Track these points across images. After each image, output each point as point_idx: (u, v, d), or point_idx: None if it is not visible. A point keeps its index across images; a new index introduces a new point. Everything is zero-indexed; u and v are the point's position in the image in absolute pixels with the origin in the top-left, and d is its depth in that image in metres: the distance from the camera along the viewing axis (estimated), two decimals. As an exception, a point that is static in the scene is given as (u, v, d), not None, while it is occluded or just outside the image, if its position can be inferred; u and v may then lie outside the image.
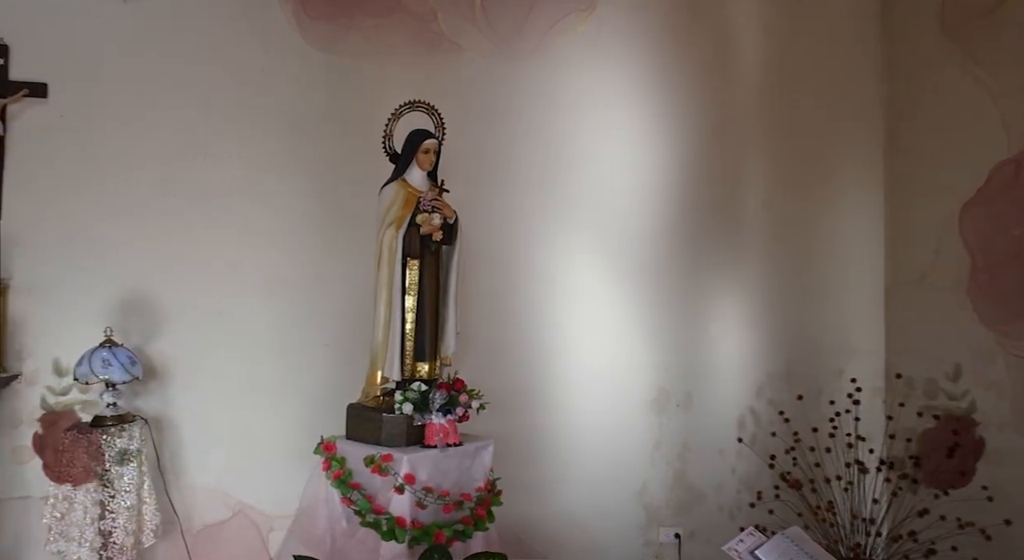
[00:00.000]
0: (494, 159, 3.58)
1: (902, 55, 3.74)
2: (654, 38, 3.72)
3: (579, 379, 3.62)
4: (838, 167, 3.86)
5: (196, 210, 3.32)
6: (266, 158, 3.39)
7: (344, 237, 3.40)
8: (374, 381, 2.90)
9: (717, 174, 3.76)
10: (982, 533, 3.07)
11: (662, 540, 3.67)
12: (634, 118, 3.71)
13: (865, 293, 3.87)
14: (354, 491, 2.77)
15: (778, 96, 3.80)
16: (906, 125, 3.73)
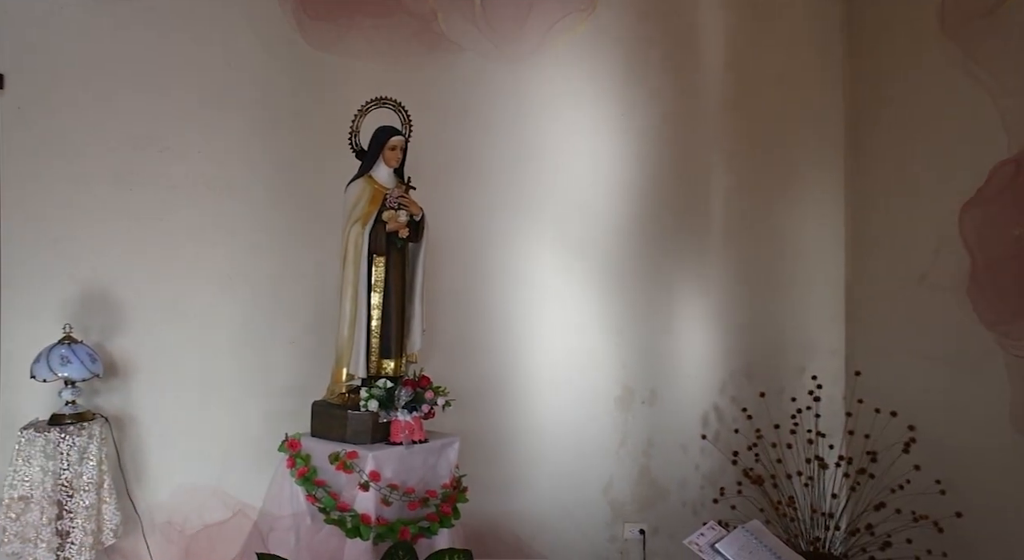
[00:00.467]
0: (461, 157, 3.59)
1: (863, 59, 3.84)
2: (620, 41, 3.75)
3: (545, 376, 3.65)
4: (800, 168, 3.93)
5: (158, 204, 3.28)
6: (230, 153, 3.36)
7: (311, 233, 3.38)
8: (339, 378, 2.89)
9: (682, 174, 3.81)
10: (935, 525, 3.15)
11: (627, 536, 3.71)
12: (600, 118, 3.74)
13: (826, 292, 3.95)
14: (319, 488, 2.76)
15: (743, 98, 3.85)
16: (866, 128, 3.82)
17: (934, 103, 2.61)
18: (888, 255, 3.68)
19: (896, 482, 3.28)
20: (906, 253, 2.78)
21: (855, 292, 3.89)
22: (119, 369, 3.23)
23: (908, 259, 2.65)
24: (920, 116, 2.70)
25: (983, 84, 2.51)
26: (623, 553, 3.70)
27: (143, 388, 3.27)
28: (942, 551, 3.16)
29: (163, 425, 3.29)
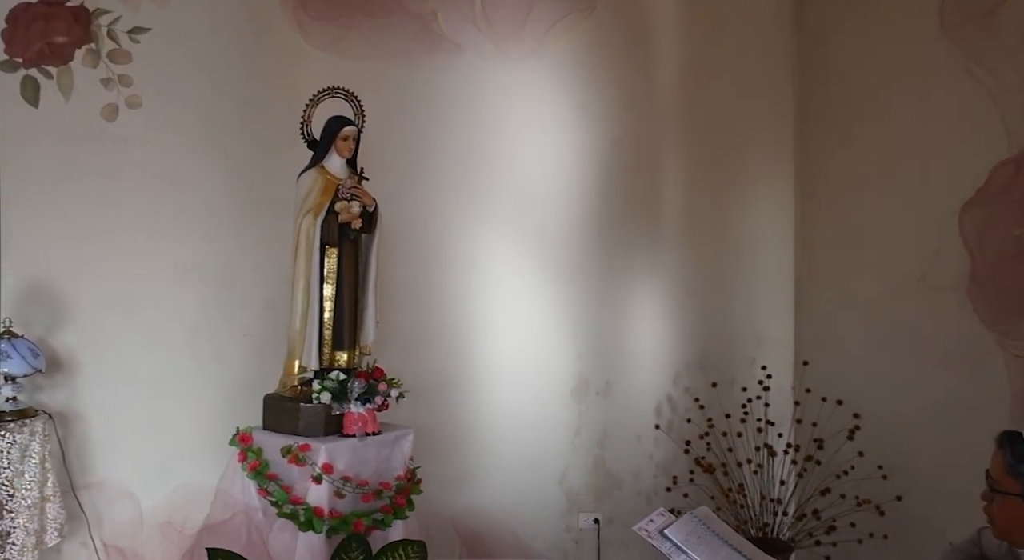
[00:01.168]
0: (414, 148, 3.58)
1: (813, 58, 3.93)
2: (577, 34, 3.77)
3: (500, 368, 3.66)
4: (751, 162, 4.00)
5: (104, 195, 3.20)
6: (180, 143, 3.31)
7: (264, 224, 3.34)
8: (291, 371, 2.86)
9: (636, 168, 3.84)
10: (877, 509, 3.25)
11: (582, 525, 3.74)
12: (555, 112, 3.75)
13: (776, 284, 4.03)
14: (271, 482, 2.73)
15: (696, 93, 3.90)
16: (814, 124, 3.91)
17: (934, 103, 2.62)
18: (835, 248, 3.77)
19: (841, 468, 3.37)
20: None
21: (804, 284, 3.98)
22: (64, 364, 3.15)
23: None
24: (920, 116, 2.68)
25: (983, 84, 2.50)
26: (578, 543, 3.74)
27: (89, 383, 3.20)
28: (883, 533, 3.26)
29: (111, 421, 3.22)
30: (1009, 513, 1.58)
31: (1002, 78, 2.43)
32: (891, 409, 3.34)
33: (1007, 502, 1.59)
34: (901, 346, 3.32)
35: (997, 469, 1.64)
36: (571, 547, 3.73)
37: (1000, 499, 1.62)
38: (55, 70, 3.31)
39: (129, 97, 3.36)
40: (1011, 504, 1.58)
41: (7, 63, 3.26)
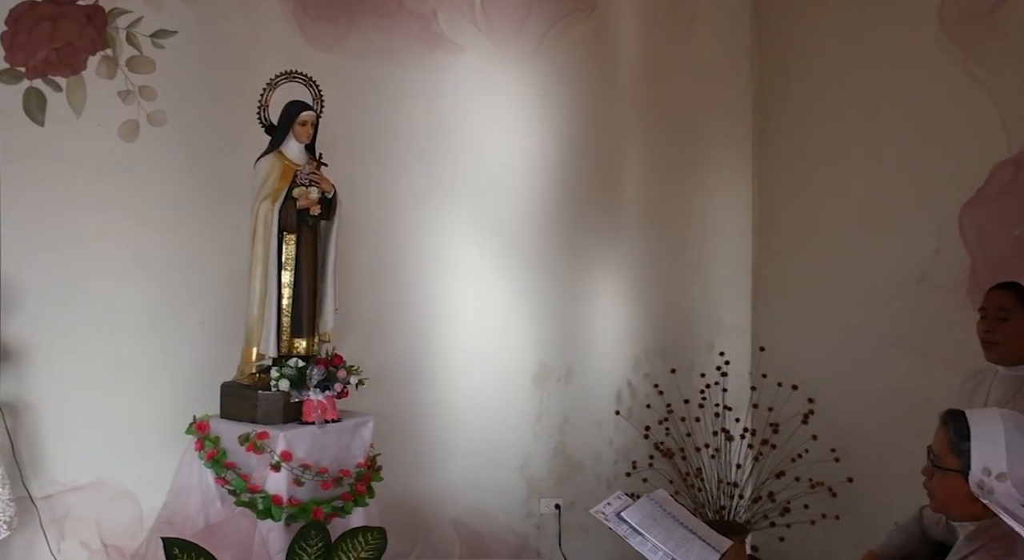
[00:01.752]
0: (376, 134, 3.55)
1: (770, 50, 3.98)
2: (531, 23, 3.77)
3: (461, 355, 3.66)
4: (711, 151, 4.04)
5: (57, 180, 3.13)
6: (131, 128, 3.24)
7: (221, 211, 3.29)
8: (249, 358, 2.83)
9: (598, 156, 3.86)
10: (829, 491, 3.33)
11: (543, 511, 3.77)
12: (518, 98, 3.75)
13: (735, 272, 4.09)
14: (228, 471, 2.71)
15: (657, 83, 3.93)
16: (772, 113, 3.97)
17: (935, 103, 2.59)
18: (791, 237, 3.84)
19: (795, 451, 3.44)
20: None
21: (761, 272, 4.05)
22: (13, 354, 3.08)
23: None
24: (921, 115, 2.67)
25: (983, 84, 2.47)
26: (539, 528, 3.77)
27: (41, 374, 3.14)
28: (835, 514, 3.34)
29: (63, 412, 3.17)
30: (947, 488, 1.63)
31: (1002, 78, 2.42)
32: (844, 394, 3.42)
33: (947, 477, 1.65)
34: (854, 333, 3.39)
35: (940, 445, 1.69)
36: (532, 533, 3.76)
37: (940, 474, 1.67)
38: (64, 81, 3.06)
39: (152, 113, 3.15)
40: (950, 479, 1.63)
41: (7, 73, 2.98)
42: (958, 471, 1.62)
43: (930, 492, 1.73)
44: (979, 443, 1.60)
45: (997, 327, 2.09)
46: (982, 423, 1.62)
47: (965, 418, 1.65)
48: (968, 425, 1.63)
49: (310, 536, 2.50)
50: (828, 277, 3.56)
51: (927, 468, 1.73)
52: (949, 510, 1.69)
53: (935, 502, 1.72)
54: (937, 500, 1.71)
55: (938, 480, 1.69)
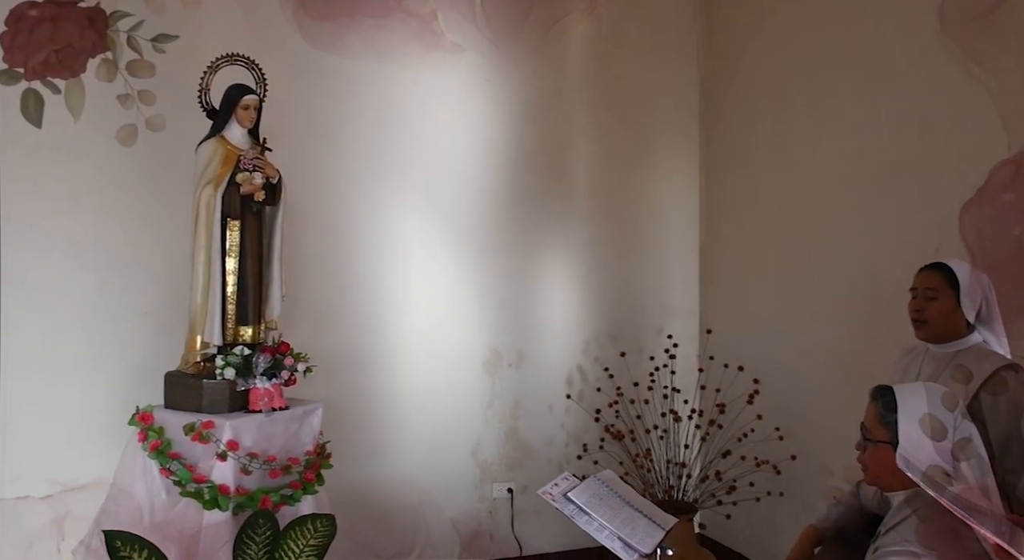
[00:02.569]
0: (323, 120, 3.51)
1: (716, 39, 4.04)
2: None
3: (412, 342, 3.65)
4: (659, 138, 4.09)
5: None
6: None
7: (165, 198, 3.22)
8: (193, 346, 2.78)
9: (547, 141, 3.88)
10: (774, 468, 3.42)
11: (495, 495, 3.80)
12: (467, 83, 3.74)
13: (683, 256, 4.15)
14: (173, 461, 2.66)
15: (606, 72, 3.96)
16: (718, 101, 4.03)
17: (934, 103, 2.59)
18: (737, 222, 3.91)
19: (741, 431, 3.53)
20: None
21: (708, 256, 4.12)
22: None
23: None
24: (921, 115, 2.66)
25: (983, 84, 2.46)
26: (492, 512, 3.80)
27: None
28: (779, 491, 3.43)
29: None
30: (879, 459, 1.69)
31: (1002, 78, 2.41)
32: (788, 375, 3.51)
33: (878, 450, 1.71)
34: (798, 315, 3.47)
35: (870, 419, 1.75)
36: (485, 517, 3.79)
37: (872, 447, 1.73)
38: (63, 83, 3.03)
39: (151, 118, 3.14)
40: (881, 451, 1.69)
41: (6, 73, 2.94)
42: (888, 443, 1.68)
43: (864, 465, 1.79)
44: (906, 415, 1.66)
45: (926, 306, 2.17)
46: (907, 396, 1.68)
47: (893, 392, 1.71)
48: (895, 398, 1.69)
49: (258, 525, 2.48)
50: (772, 262, 3.65)
51: (860, 443, 1.79)
52: (881, 481, 1.75)
53: (868, 475, 1.78)
54: (870, 472, 1.77)
55: (870, 453, 1.75)
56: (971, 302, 2.13)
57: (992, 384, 2.02)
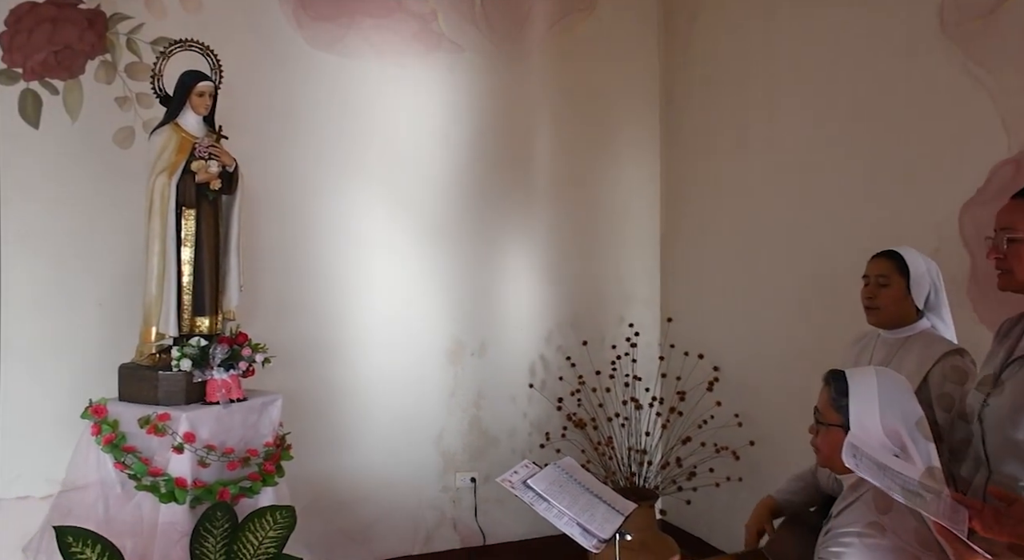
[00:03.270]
0: (282, 108, 3.46)
1: (677, 27, 4.06)
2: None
3: (375, 331, 3.63)
4: (621, 127, 4.11)
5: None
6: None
7: (117, 186, 3.15)
8: (148, 338, 2.73)
9: (509, 130, 3.87)
10: (733, 454, 3.47)
11: (458, 485, 3.80)
12: (428, 73, 3.71)
13: (644, 245, 4.18)
14: (128, 455, 2.61)
15: (567, 60, 3.96)
16: (677, 90, 4.06)
17: (934, 103, 2.58)
18: (697, 211, 3.95)
19: (701, 418, 3.58)
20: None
21: (669, 245, 4.15)
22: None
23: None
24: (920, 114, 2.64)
25: (983, 84, 2.44)
26: (455, 502, 3.80)
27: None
28: (738, 476, 3.49)
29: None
30: (830, 442, 1.73)
31: (1002, 78, 2.40)
32: (747, 362, 3.57)
33: (830, 433, 1.74)
34: (759, 304, 3.52)
35: (823, 403, 1.79)
36: (448, 507, 3.79)
37: (824, 430, 1.77)
38: (61, 84, 3.01)
39: (148, 121, 3.10)
40: (832, 434, 1.72)
41: (5, 74, 2.91)
42: (839, 426, 1.72)
43: (816, 448, 1.82)
44: (856, 398, 1.69)
45: (878, 293, 2.21)
46: (859, 380, 1.72)
47: (845, 377, 1.75)
48: (847, 383, 1.73)
49: (215, 517, 2.46)
50: (732, 251, 3.69)
51: (813, 426, 1.82)
52: (833, 464, 1.78)
53: (821, 457, 1.82)
54: (822, 455, 1.80)
55: (822, 436, 1.78)
56: (920, 289, 2.18)
57: (939, 369, 2.07)
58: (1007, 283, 1.72)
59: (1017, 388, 1.68)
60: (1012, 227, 1.69)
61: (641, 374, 3.80)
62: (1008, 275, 1.71)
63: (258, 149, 3.28)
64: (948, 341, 2.16)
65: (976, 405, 1.79)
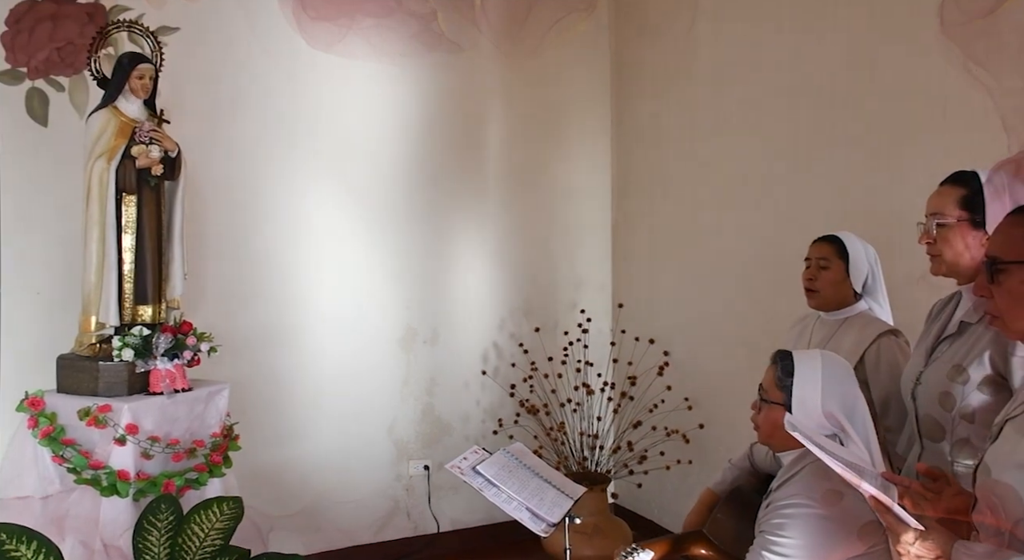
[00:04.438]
0: (228, 95, 3.38)
1: (627, 15, 4.08)
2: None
3: (325, 320, 3.58)
4: (572, 113, 4.11)
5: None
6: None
7: (54, 173, 3.05)
8: (88, 327, 2.66)
9: (460, 118, 3.85)
10: (683, 437, 3.53)
11: (412, 473, 3.79)
12: (378, 61, 3.66)
13: (595, 232, 4.20)
14: (67, 448, 2.55)
15: (518, 47, 3.94)
16: (628, 78, 4.08)
17: (934, 103, 2.55)
18: (647, 197, 3.98)
19: (652, 402, 3.62)
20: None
21: (620, 231, 4.18)
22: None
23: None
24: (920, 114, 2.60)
25: (983, 84, 2.43)
26: (408, 490, 3.79)
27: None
28: (688, 459, 3.55)
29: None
30: (772, 420, 1.76)
31: (1002, 78, 2.39)
32: (696, 346, 3.62)
33: (772, 410, 1.78)
34: (707, 289, 3.57)
35: (768, 381, 1.82)
36: (401, 495, 3.78)
37: (767, 408, 1.80)
38: (66, 81, 2.98)
39: None
40: (775, 412, 1.76)
41: (9, 73, 2.88)
42: (782, 404, 1.75)
43: (757, 425, 1.86)
44: (800, 380, 1.73)
45: (819, 275, 2.26)
46: (805, 362, 1.76)
47: (792, 357, 1.78)
48: (793, 364, 1.76)
49: (160, 510, 2.41)
50: (681, 237, 3.74)
51: (756, 403, 1.86)
52: (773, 441, 1.82)
53: (761, 434, 1.85)
54: (763, 432, 1.84)
55: (764, 414, 1.82)
56: (859, 272, 2.24)
57: (874, 349, 2.13)
58: (938, 267, 1.78)
59: (945, 366, 1.74)
60: (941, 213, 1.75)
61: (593, 360, 3.83)
62: (939, 259, 1.76)
63: (206, 134, 3.23)
64: (884, 322, 2.23)
65: (909, 384, 1.84)
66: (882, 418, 2.08)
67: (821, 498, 1.65)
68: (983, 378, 1.66)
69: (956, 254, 1.72)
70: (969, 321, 1.74)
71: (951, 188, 1.76)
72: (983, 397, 1.66)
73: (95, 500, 2.52)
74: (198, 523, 2.42)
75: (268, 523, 3.40)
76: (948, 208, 1.73)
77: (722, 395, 3.45)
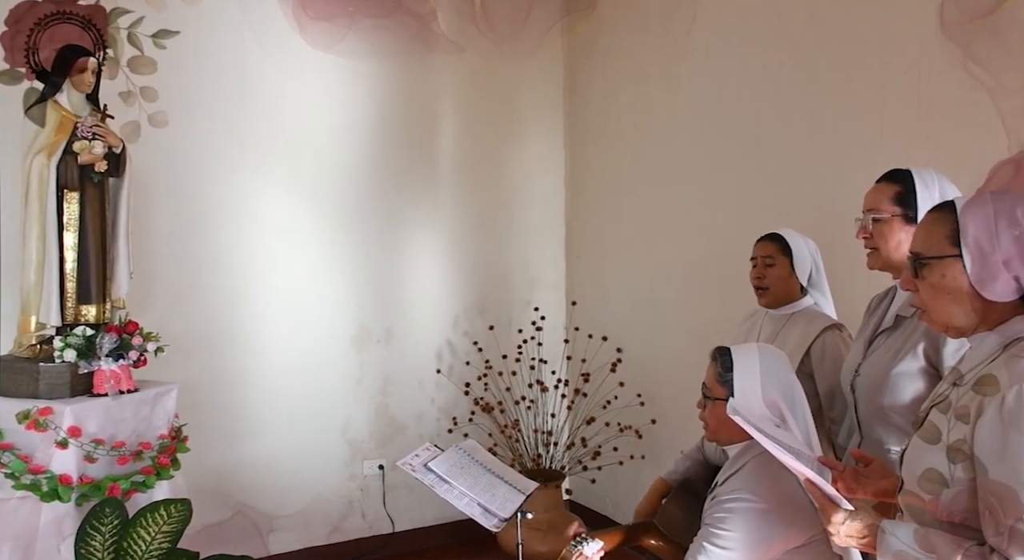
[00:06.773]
0: (179, 92, 3.31)
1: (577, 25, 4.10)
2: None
3: (276, 318, 3.54)
4: (525, 111, 4.13)
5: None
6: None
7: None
8: (27, 328, 2.58)
9: (414, 118, 3.84)
10: (636, 433, 3.57)
11: (366, 473, 3.77)
12: (325, 57, 3.62)
13: (550, 231, 4.23)
14: (5, 452, 2.47)
15: (470, 44, 3.94)
16: (581, 75, 4.12)
17: (934, 103, 2.56)
18: (600, 195, 4.02)
19: (605, 399, 3.66)
20: None
21: (573, 229, 4.22)
22: None
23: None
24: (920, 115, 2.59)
25: (983, 84, 2.43)
26: (363, 490, 3.77)
27: None
28: (641, 454, 3.59)
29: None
30: (717, 415, 1.80)
31: (1002, 78, 2.40)
32: (648, 343, 3.67)
33: (716, 406, 1.82)
34: (659, 287, 3.62)
35: (709, 378, 1.86)
36: (356, 495, 3.75)
37: (711, 405, 1.84)
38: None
39: (153, 115, 3.14)
40: (719, 408, 1.80)
41: (8, 74, 2.88)
42: (724, 400, 1.79)
43: (704, 422, 1.90)
44: (740, 373, 1.77)
45: (766, 273, 2.32)
46: (743, 356, 1.80)
47: (730, 353, 1.82)
48: (732, 358, 1.80)
49: (103, 514, 2.36)
50: (633, 235, 3.78)
51: (701, 400, 1.89)
52: (719, 436, 1.86)
53: (708, 430, 1.89)
54: (710, 428, 1.88)
55: (709, 410, 1.86)
56: (803, 267, 2.30)
57: (819, 343, 2.19)
58: (875, 262, 1.83)
59: (882, 358, 1.80)
60: (877, 208, 1.80)
61: (547, 357, 3.86)
62: (876, 254, 1.82)
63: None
64: (828, 317, 2.29)
65: (848, 376, 1.90)
66: (827, 410, 2.14)
67: (764, 493, 1.69)
68: (917, 369, 1.72)
69: (891, 249, 1.78)
70: (904, 315, 1.80)
71: (886, 185, 1.82)
72: (917, 387, 1.72)
73: (35, 506, 2.44)
74: (144, 526, 2.38)
75: (218, 526, 3.35)
76: (883, 204, 1.79)
77: (674, 391, 3.50)
